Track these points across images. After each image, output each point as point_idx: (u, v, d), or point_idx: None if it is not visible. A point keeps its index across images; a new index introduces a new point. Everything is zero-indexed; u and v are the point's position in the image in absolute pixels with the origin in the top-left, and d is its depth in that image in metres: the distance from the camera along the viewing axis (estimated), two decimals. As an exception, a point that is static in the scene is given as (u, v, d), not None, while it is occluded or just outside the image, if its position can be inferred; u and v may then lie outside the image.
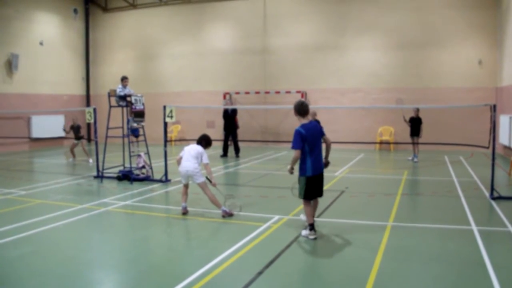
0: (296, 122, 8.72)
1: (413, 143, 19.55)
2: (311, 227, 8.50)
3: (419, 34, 24.04)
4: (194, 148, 10.51)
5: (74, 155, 20.94)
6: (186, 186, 10.74)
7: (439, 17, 23.72)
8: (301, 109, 8.77)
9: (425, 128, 19.96)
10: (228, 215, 10.27)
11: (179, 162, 10.58)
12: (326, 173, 9.39)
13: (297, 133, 8.54)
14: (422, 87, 24.02)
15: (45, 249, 8.14)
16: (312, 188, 8.73)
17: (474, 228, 9.04)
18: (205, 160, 10.40)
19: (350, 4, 25.33)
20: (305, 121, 8.74)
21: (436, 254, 7.63)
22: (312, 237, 8.45)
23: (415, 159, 19.33)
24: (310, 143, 8.58)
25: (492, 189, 11.85)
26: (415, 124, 19.39)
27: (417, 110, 19.43)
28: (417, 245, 8.13)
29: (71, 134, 21.13)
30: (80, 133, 20.97)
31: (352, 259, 7.49)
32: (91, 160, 20.36)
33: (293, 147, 8.53)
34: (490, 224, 9.74)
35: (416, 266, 7.09)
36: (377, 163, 19.01)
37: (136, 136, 16.26)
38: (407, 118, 19.54)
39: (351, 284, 6.44)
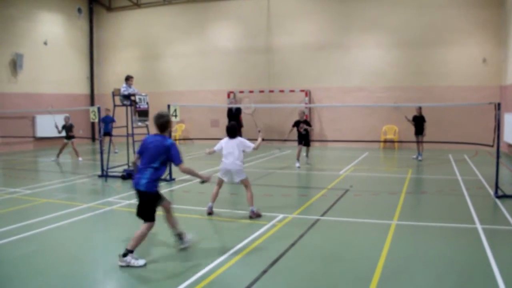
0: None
1: (417, 142, 19.50)
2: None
3: (423, 32, 24.01)
4: (232, 144, 10.16)
5: (59, 155, 20.82)
6: (221, 184, 10.55)
7: (443, 15, 23.67)
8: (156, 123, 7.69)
9: (429, 127, 19.91)
10: (255, 215, 10.10)
11: (210, 153, 10.44)
12: (330, 171, 9.37)
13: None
14: (426, 86, 23.99)
15: (50, 248, 8.16)
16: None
17: (479, 226, 9.03)
18: (250, 145, 10.18)
19: (354, 3, 25.31)
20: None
21: (441, 252, 7.63)
22: None
23: (420, 158, 19.28)
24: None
25: (497, 187, 11.83)
26: (419, 123, 19.34)
27: (420, 108, 19.38)
28: (422, 244, 8.13)
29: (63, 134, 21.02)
30: (71, 132, 20.86)
31: (357, 257, 7.49)
32: (80, 159, 20.38)
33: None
34: (494, 223, 9.74)
35: (420, 265, 7.08)
36: (382, 161, 19.01)
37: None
38: (410, 117, 19.49)
39: (356, 283, 6.44)
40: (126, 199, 12.14)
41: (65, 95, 28.95)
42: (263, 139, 10.59)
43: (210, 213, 10.44)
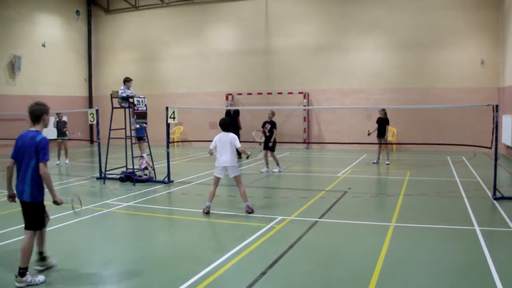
0: (299, 124, 8.70)
1: (380, 145, 19.18)
2: None
3: (421, 34, 24.04)
4: (226, 138, 10.54)
5: (59, 157, 20.67)
6: (217, 183, 10.71)
7: (441, 17, 23.71)
8: (28, 113, 7.22)
9: (428, 129, 19.92)
10: (251, 210, 10.52)
11: (210, 151, 10.67)
12: (329, 173, 9.37)
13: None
14: (425, 87, 24.02)
15: (48, 250, 8.13)
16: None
17: (477, 228, 9.03)
18: (238, 144, 10.57)
19: (352, 5, 25.34)
20: (32, 128, 7.11)
21: (439, 254, 7.63)
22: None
23: (376, 161, 19.09)
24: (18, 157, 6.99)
25: (495, 189, 11.84)
26: (381, 125, 18.79)
27: (383, 110, 18.83)
28: (420, 246, 8.13)
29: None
30: (65, 128, 20.64)
31: (355, 259, 7.49)
32: (67, 161, 20.33)
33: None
34: (492, 224, 9.74)
35: (418, 267, 7.09)
36: (380, 163, 18.98)
37: (142, 138, 16.31)
38: (371, 130, 18.81)
39: (354, 284, 6.45)
40: (124, 202, 12.13)
41: (63, 97, 28.91)
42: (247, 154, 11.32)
43: (207, 212, 10.49)
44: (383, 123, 18.75)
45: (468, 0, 23.40)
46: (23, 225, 6.75)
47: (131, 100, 14.99)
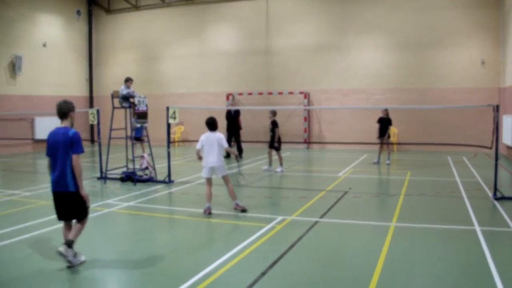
0: (299, 124, 8.70)
1: (381, 144, 19.03)
2: None
3: (421, 34, 24.04)
4: (213, 137, 10.62)
5: None
6: (210, 183, 10.75)
7: (441, 17, 23.71)
8: (57, 111, 7.68)
9: (428, 129, 19.92)
10: (240, 209, 10.66)
11: (198, 154, 10.70)
12: (329, 173, 9.39)
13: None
14: (425, 88, 24.02)
15: (49, 250, 8.15)
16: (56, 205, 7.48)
17: (477, 228, 9.04)
18: (226, 144, 10.68)
19: (353, 5, 25.33)
20: (61, 125, 7.65)
21: (439, 254, 7.64)
22: None
23: (387, 161, 18.83)
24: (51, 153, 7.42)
25: (495, 189, 11.84)
26: (384, 125, 18.70)
27: (386, 110, 18.73)
28: (420, 246, 8.13)
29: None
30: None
31: (355, 259, 7.50)
32: None
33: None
34: (493, 225, 9.74)
35: (419, 267, 7.09)
36: (381, 163, 18.97)
37: (139, 139, 16.29)
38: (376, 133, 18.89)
39: (355, 285, 6.45)
40: (125, 201, 12.14)
41: (64, 97, 28.57)
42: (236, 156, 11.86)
43: (209, 213, 10.54)
44: (385, 123, 18.67)
45: (469, 0, 23.39)
46: (21, 226, 6.75)
47: (131, 100, 15.00)
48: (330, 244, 8.38)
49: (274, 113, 17.37)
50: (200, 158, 10.72)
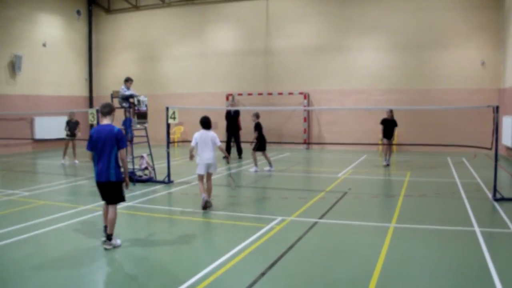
0: (299, 124, 8.69)
1: (387, 145, 18.62)
2: None
3: (421, 35, 24.04)
4: (207, 136, 10.99)
5: (64, 156, 20.90)
6: (202, 179, 11.10)
7: (441, 18, 23.71)
8: (102, 109, 8.42)
9: (428, 130, 19.86)
10: (210, 205, 11.00)
11: (191, 152, 11.10)
12: (329, 174, 9.38)
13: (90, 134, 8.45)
14: (425, 88, 24.02)
15: (48, 250, 8.15)
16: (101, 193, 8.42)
17: (477, 229, 9.03)
18: (219, 142, 11.05)
19: (352, 5, 25.34)
20: (104, 122, 8.42)
21: (439, 255, 7.63)
22: None
23: (384, 162, 18.49)
24: (96, 147, 8.21)
25: (495, 190, 11.83)
26: (389, 126, 18.47)
27: (391, 111, 18.42)
28: (420, 247, 8.13)
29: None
30: (76, 129, 20.95)
31: (355, 260, 7.49)
32: (76, 161, 20.40)
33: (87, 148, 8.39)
34: (492, 226, 9.73)
35: (418, 268, 7.09)
36: (380, 164, 18.96)
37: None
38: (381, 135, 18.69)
39: (354, 285, 6.45)
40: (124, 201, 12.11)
41: (63, 97, 28.93)
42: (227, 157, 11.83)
43: (205, 206, 10.89)
44: (391, 124, 18.41)
45: (468, 1, 23.39)
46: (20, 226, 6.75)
47: (131, 100, 14.99)
48: (330, 245, 8.37)
49: (257, 115, 17.63)
50: (192, 156, 11.12)
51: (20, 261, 7.51)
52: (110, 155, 8.12)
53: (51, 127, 21.36)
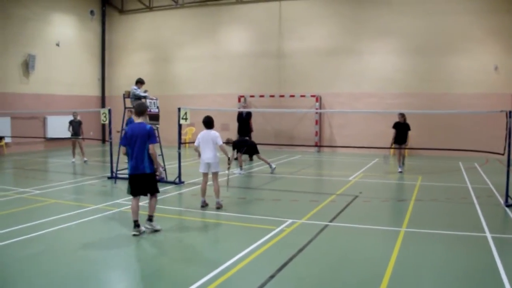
0: (311, 127, 8.66)
1: (400, 151, 17.92)
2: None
3: (434, 39, 23.93)
4: (208, 135, 11.28)
5: (74, 155, 20.96)
6: (206, 178, 11.40)
7: (454, 22, 23.59)
8: (137, 109, 9.45)
9: (439, 134, 19.70)
10: (219, 206, 11.23)
11: (197, 150, 11.49)
12: (340, 177, 9.34)
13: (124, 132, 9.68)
14: (437, 93, 23.90)
15: (57, 248, 8.18)
16: (132, 185, 9.26)
17: (488, 235, 8.96)
18: (220, 142, 11.26)
19: (365, 9, 25.28)
20: (138, 120, 9.35)
21: (449, 260, 7.59)
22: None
23: (399, 169, 17.79)
24: (131, 143, 9.12)
25: (507, 196, 11.75)
26: (402, 131, 17.72)
27: (403, 116, 17.75)
28: (430, 251, 8.07)
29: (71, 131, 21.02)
30: (79, 129, 20.94)
31: (365, 264, 7.46)
32: (85, 159, 20.55)
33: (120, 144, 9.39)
34: (504, 231, 9.66)
35: (428, 273, 7.04)
36: (391, 168, 18.89)
37: None
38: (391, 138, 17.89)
39: (364, 289, 6.42)
40: (135, 201, 12.14)
41: (76, 96, 29.08)
42: (228, 158, 12.03)
43: (205, 206, 11.39)
44: (404, 128, 17.74)
45: (481, 5, 23.26)
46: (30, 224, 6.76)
47: (143, 100, 15.01)
48: (340, 248, 8.33)
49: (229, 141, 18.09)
50: (199, 155, 11.44)
51: (28, 259, 7.54)
52: (144, 150, 9.01)
53: (63, 126, 21.44)
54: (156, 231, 9.16)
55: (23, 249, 8.11)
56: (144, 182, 9.12)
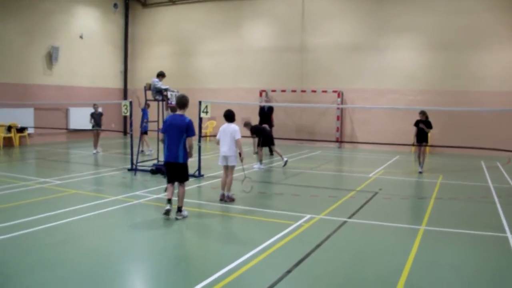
0: (332, 123, 8.61)
1: (420, 150, 17.22)
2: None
3: (459, 35, 23.63)
4: (228, 129, 11.47)
5: (96, 146, 21.06)
6: (226, 170, 11.57)
7: (479, 19, 23.26)
8: (178, 101, 10.09)
9: (462, 132, 19.40)
10: (230, 200, 11.40)
11: (218, 143, 11.66)
12: (360, 173, 9.27)
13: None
14: (461, 90, 23.59)
15: (76, 238, 8.24)
16: (167, 171, 10.11)
17: (510, 236, 8.84)
18: (238, 136, 11.40)
19: (389, 4, 25.04)
20: (179, 112, 10.01)
21: (469, 260, 7.51)
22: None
23: (420, 169, 17.03)
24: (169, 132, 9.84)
25: (530, 196, 11.60)
26: (423, 128, 16.89)
27: (424, 114, 16.93)
28: (450, 251, 7.99)
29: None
30: (100, 120, 21.14)
31: (383, 261, 7.41)
32: (94, 151, 20.88)
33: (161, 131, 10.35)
34: (526, 232, 9.54)
35: (447, 272, 6.97)
36: (412, 165, 18.73)
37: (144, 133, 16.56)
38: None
39: (382, 287, 6.36)
40: (154, 194, 12.21)
41: (98, 88, 29.25)
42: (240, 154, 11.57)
43: (223, 199, 11.46)
44: (425, 125, 16.89)
45: (506, 2, 22.92)
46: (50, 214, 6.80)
47: (164, 93, 15.04)
48: (358, 245, 8.28)
49: (246, 124, 17.55)
50: (217, 143, 11.79)
51: (48, 248, 7.62)
52: (180, 140, 9.66)
53: (85, 117, 21.62)
54: (184, 217, 9.71)
55: (44, 238, 8.19)
56: (176, 170, 9.79)
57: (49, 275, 6.53)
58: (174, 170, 9.83)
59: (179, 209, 9.67)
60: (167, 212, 9.52)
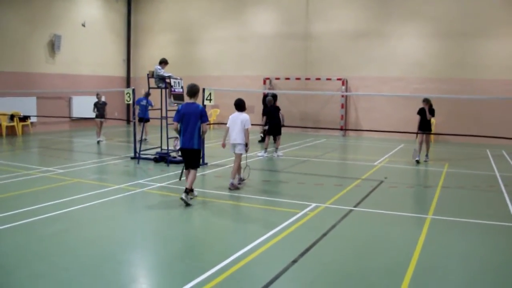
0: (336, 110, 8.48)
1: (422, 139, 16.89)
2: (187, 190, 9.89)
3: (465, 23, 23.41)
4: (238, 117, 11.51)
5: (99, 135, 20.91)
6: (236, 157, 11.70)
7: (485, 7, 23.04)
8: (189, 90, 10.41)
9: (467, 120, 19.24)
10: (234, 188, 11.37)
11: (227, 131, 11.67)
12: (365, 162, 9.16)
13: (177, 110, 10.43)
14: (467, 78, 23.41)
15: (79, 227, 8.17)
16: (184, 158, 10.45)
17: (518, 224, 8.75)
18: (248, 125, 11.46)
19: (394, -9, 24.85)
20: (190, 101, 10.35)
21: (476, 250, 7.40)
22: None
23: (417, 157, 16.50)
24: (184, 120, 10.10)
25: (537, 184, 11.49)
26: (426, 117, 16.57)
27: (428, 102, 16.54)
28: (457, 240, 7.88)
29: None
30: (104, 110, 20.92)
31: (390, 251, 7.30)
32: (100, 139, 20.72)
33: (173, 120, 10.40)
34: (534, 221, 9.42)
35: (455, 262, 6.87)
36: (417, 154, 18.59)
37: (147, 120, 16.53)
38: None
39: (388, 276, 6.25)
40: (157, 182, 12.12)
41: (101, 77, 29.15)
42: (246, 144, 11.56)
43: (233, 188, 11.41)
44: (429, 114, 16.58)
45: (516, -11, 22.73)
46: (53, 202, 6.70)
47: (167, 80, 14.92)
48: (364, 234, 8.17)
49: (270, 101, 17.96)
50: (224, 138, 11.82)
51: (51, 237, 7.56)
52: (195, 127, 10.00)
53: (88, 106, 21.54)
54: (188, 205, 9.68)
55: (47, 227, 8.12)
56: (191, 155, 10.10)
57: (51, 265, 6.45)
58: (190, 156, 10.10)
59: (187, 191, 9.80)
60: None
